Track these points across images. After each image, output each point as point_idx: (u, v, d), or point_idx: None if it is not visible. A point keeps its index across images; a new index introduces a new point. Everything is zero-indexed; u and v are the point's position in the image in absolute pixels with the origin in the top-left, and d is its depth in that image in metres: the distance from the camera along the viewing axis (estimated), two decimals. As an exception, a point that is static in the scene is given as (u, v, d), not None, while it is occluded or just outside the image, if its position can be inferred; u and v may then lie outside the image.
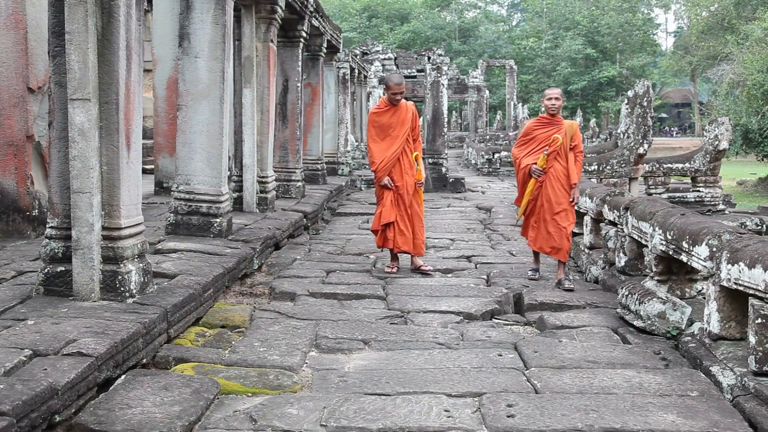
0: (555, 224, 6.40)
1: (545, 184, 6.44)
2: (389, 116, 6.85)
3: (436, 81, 16.33)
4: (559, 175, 6.44)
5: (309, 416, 3.46)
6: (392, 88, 6.81)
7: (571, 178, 6.44)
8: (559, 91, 6.66)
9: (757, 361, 3.67)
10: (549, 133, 6.47)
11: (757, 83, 21.14)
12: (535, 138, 6.56)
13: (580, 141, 6.59)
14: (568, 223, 6.44)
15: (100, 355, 3.50)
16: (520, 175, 6.62)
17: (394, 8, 58.54)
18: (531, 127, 6.67)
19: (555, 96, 6.51)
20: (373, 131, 6.90)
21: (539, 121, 6.67)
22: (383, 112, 6.88)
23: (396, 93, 6.78)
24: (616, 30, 51.00)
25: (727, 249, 4.10)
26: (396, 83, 6.82)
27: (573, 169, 6.47)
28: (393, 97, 6.81)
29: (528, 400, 3.67)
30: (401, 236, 6.83)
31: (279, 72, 10.53)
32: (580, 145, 6.60)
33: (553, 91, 6.61)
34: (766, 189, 22.70)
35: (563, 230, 6.39)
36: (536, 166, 6.43)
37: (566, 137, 6.45)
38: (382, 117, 6.86)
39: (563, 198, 6.43)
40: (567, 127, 6.49)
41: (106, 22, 4.36)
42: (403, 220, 6.85)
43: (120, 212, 4.48)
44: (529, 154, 6.56)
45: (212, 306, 5.37)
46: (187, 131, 6.90)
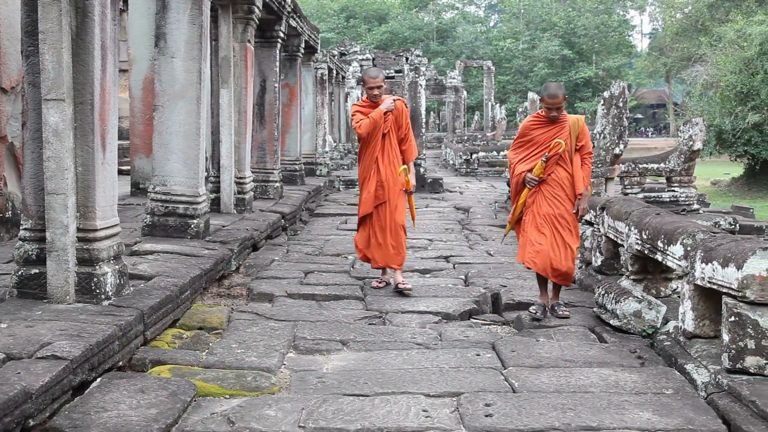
0: (560, 242, 5.32)
1: (544, 191, 5.32)
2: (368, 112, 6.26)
3: (414, 81, 16.36)
4: (561, 182, 5.30)
5: (287, 417, 3.45)
6: (367, 83, 6.15)
7: (576, 186, 5.31)
8: (561, 96, 5.27)
9: (730, 358, 3.72)
10: (550, 133, 5.32)
11: (730, 84, 21.43)
12: (533, 140, 5.39)
13: (588, 140, 5.41)
14: (574, 240, 5.36)
15: (75, 358, 3.46)
16: (513, 183, 5.55)
17: (372, 9, 58.54)
18: (528, 127, 5.47)
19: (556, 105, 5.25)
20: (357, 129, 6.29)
21: (537, 119, 5.45)
22: (364, 111, 6.24)
23: (372, 87, 6.10)
24: (592, 31, 51.43)
25: (701, 248, 4.15)
26: (371, 77, 6.14)
27: (579, 175, 5.32)
28: (370, 92, 6.15)
29: (506, 399, 3.69)
30: (378, 249, 6.21)
31: (257, 72, 10.49)
32: (589, 145, 5.42)
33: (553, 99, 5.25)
34: (740, 189, 23.03)
35: (570, 251, 5.30)
36: (530, 175, 5.30)
37: (571, 137, 5.30)
38: (363, 112, 6.26)
39: (566, 211, 5.31)
40: (572, 124, 5.33)
41: (81, 21, 4.32)
42: (382, 231, 6.17)
43: (95, 214, 4.44)
44: (525, 160, 5.41)
45: (189, 308, 5.33)
46: (164, 132, 6.85)
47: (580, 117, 5.40)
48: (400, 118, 6.20)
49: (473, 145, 25.59)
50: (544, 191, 5.32)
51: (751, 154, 22.07)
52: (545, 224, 5.28)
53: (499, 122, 31.98)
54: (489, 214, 11.79)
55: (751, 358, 3.66)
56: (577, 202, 5.32)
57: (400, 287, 6.07)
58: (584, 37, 51.81)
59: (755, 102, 20.98)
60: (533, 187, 5.32)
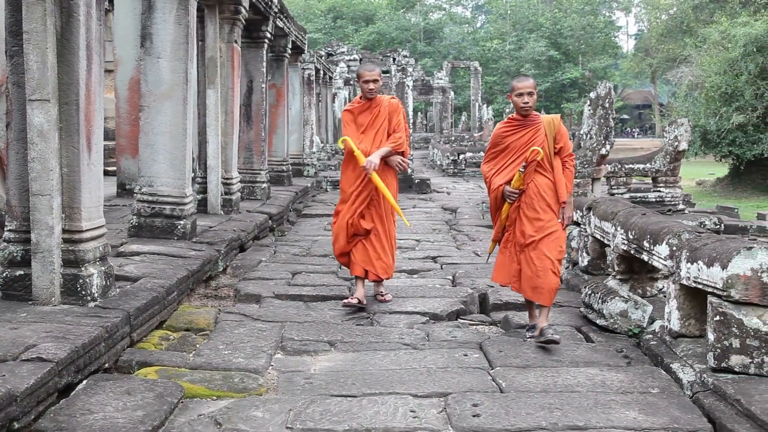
0: (540, 254, 4.68)
1: (523, 206, 4.78)
2: (361, 114, 5.70)
3: (402, 82, 16.39)
4: (542, 190, 4.76)
5: (274, 419, 3.44)
6: (362, 76, 5.60)
7: (559, 192, 4.78)
8: (532, 82, 4.89)
9: (715, 357, 3.75)
10: (525, 139, 4.80)
11: (715, 85, 21.58)
12: (508, 147, 4.86)
13: (567, 141, 4.87)
14: (557, 251, 4.71)
15: (61, 360, 3.44)
16: (492, 198, 4.97)
17: (359, 9, 58.58)
18: (500, 134, 4.91)
19: (527, 89, 4.76)
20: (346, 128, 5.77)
21: (509, 124, 4.92)
22: (354, 110, 5.73)
23: (368, 81, 5.55)
24: (578, 32, 51.70)
25: (686, 248, 4.18)
26: (367, 69, 5.63)
27: (561, 181, 4.80)
28: (365, 86, 5.58)
29: (493, 399, 3.70)
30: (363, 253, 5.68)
31: (243, 73, 10.47)
32: (568, 146, 4.89)
33: (524, 82, 4.81)
34: (724, 189, 23.20)
35: (549, 262, 4.65)
36: (509, 188, 4.78)
37: (547, 139, 4.77)
38: (354, 115, 5.72)
39: (548, 219, 4.74)
40: (546, 126, 4.79)
41: (66, 21, 4.29)
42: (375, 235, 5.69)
43: (81, 215, 4.41)
44: (500, 171, 4.87)
45: (176, 309, 5.31)
46: (150, 132, 6.82)
47: (555, 116, 4.90)
48: (393, 117, 5.70)
49: (460, 146, 25.64)
50: (526, 203, 4.78)
51: (735, 155, 22.24)
52: (526, 243, 4.73)
53: (486, 123, 32.04)
54: (476, 215, 11.82)
55: (736, 357, 3.69)
56: (562, 211, 4.81)
57: (380, 299, 5.80)
58: (570, 38, 52.08)
59: (739, 103, 21.14)
60: (514, 201, 4.81)
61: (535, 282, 4.67)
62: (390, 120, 5.68)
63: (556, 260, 4.67)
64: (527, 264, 4.72)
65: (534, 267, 4.68)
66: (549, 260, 4.66)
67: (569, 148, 4.90)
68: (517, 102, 4.81)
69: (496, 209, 4.96)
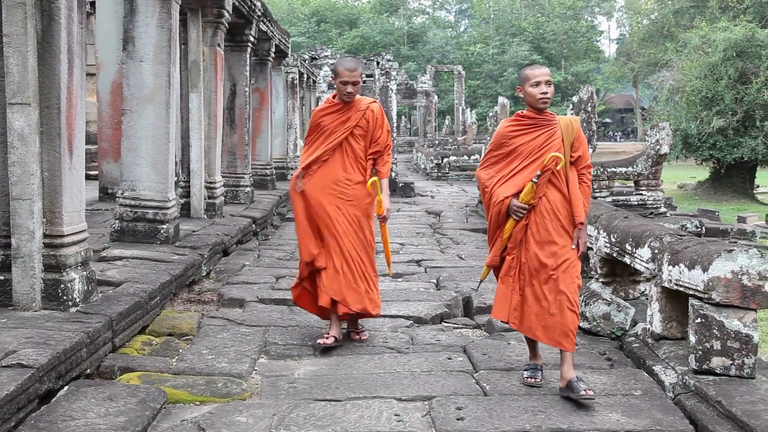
0: (552, 288, 3.82)
1: (533, 225, 3.90)
2: (333, 118, 4.72)
3: (385, 86, 16.40)
4: (556, 207, 3.87)
5: (258, 423, 3.43)
6: (341, 75, 4.61)
7: (575, 211, 3.87)
8: (548, 70, 4.00)
9: (697, 359, 3.78)
10: (537, 141, 3.89)
11: (696, 89, 21.78)
12: (515, 151, 3.94)
13: (586, 149, 4.00)
14: (574, 285, 3.83)
15: (42, 366, 3.41)
16: (493, 214, 3.99)
17: (343, 13, 58.60)
18: (506, 134, 3.97)
19: (546, 77, 3.89)
20: (308, 135, 4.83)
21: (518, 122, 3.97)
22: (326, 110, 4.77)
23: (347, 83, 4.60)
24: (560, 37, 52.03)
25: (668, 251, 4.21)
26: (347, 68, 4.60)
27: (578, 197, 3.89)
28: (343, 88, 4.62)
29: (477, 402, 3.70)
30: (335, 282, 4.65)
31: (227, 76, 10.44)
32: (587, 155, 4.00)
33: (541, 69, 3.94)
34: (705, 192, 23.41)
35: (565, 297, 3.78)
36: (518, 202, 3.87)
37: (564, 145, 3.88)
38: (325, 118, 4.75)
39: (563, 244, 3.85)
40: (564, 128, 3.90)
41: (47, 24, 4.26)
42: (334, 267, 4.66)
43: (62, 219, 4.38)
44: (506, 180, 3.95)
45: (159, 314, 5.28)
46: (132, 136, 6.78)
47: (574, 118, 4.00)
48: (372, 126, 4.71)
49: (444, 150, 25.72)
50: (536, 223, 3.89)
51: (716, 158, 22.46)
52: (534, 272, 3.88)
53: (470, 126, 32.15)
54: (460, 218, 11.85)
55: (717, 359, 3.73)
56: (576, 234, 3.86)
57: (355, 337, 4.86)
58: (553, 42, 52.40)
59: (720, 107, 21.35)
60: (521, 218, 3.89)
61: (548, 321, 3.81)
62: (371, 132, 4.71)
63: (572, 294, 3.80)
64: (536, 298, 3.86)
65: (546, 303, 3.82)
66: (564, 295, 3.77)
67: (588, 159, 4.00)
68: (533, 93, 3.87)
69: (497, 227, 4.00)
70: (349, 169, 4.71)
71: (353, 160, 4.71)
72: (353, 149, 4.71)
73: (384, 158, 4.80)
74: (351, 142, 4.71)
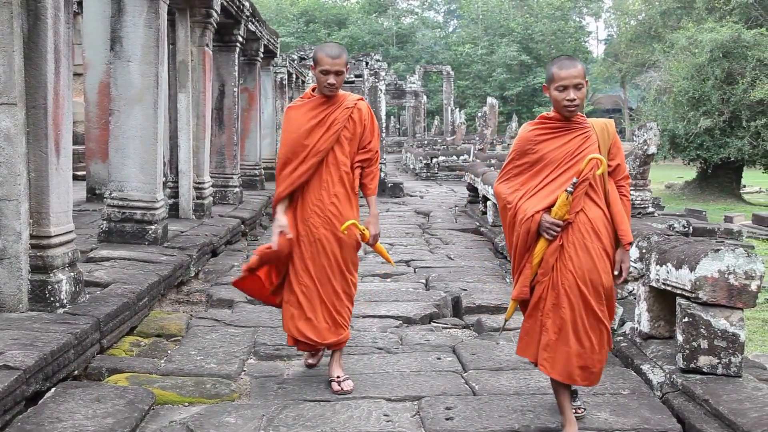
0: (594, 323, 3.27)
1: (569, 247, 3.28)
2: (312, 116, 3.88)
3: (374, 86, 16.40)
4: (596, 225, 3.29)
5: (247, 424, 3.42)
6: (322, 62, 3.81)
7: (620, 230, 3.31)
8: (581, 68, 3.33)
9: (684, 358, 3.80)
10: (570, 146, 3.33)
11: (683, 90, 21.92)
12: (542, 159, 3.35)
13: (623, 157, 3.46)
14: (610, 317, 3.36)
15: (29, 367, 3.39)
16: (520, 234, 3.33)
17: (332, 13, 58.54)
18: (530, 138, 3.39)
19: (574, 80, 3.28)
20: (282, 139, 3.99)
21: (544, 125, 3.40)
22: (304, 107, 3.93)
23: (328, 72, 3.81)
24: (549, 37, 52.16)
25: (655, 250, 4.23)
26: (330, 55, 3.81)
27: (621, 213, 3.33)
28: (323, 79, 3.82)
29: (466, 402, 3.71)
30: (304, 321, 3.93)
31: (215, 77, 10.40)
32: (625, 165, 3.47)
33: (570, 70, 3.30)
34: (692, 192, 23.56)
35: (605, 334, 3.31)
36: (550, 218, 3.26)
37: (601, 152, 3.32)
38: (300, 115, 3.91)
39: (605, 270, 3.28)
40: (599, 132, 3.35)
41: (33, 24, 4.23)
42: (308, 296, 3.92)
43: (49, 220, 4.35)
44: (533, 193, 3.34)
45: (147, 315, 5.26)
46: (120, 136, 6.75)
47: (609, 122, 3.45)
48: (360, 129, 3.95)
49: (433, 150, 25.74)
50: (573, 243, 3.27)
51: (703, 158, 22.61)
52: (575, 304, 3.26)
53: (459, 127, 32.19)
54: (449, 218, 11.87)
55: (704, 358, 3.75)
56: (620, 257, 3.33)
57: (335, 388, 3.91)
58: (541, 42, 52.53)
59: (707, 107, 21.50)
60: (554, 238, 3.28)
61: (588, 360, 3.27)
62: (358, 136, 3.95)
63: (609, 329, 3.33)
64: (576, 337, 3.26)
65: (588, 342, 3.26)
66: (606, 331, 3.30)
67: (626, 168, 3.46)
68: (558, 99, 3.31)
69: (526, 250, 3.33)
70: (327, 181, 3.89)
71: (335, 169, 3.89)
72: (336, 158, 3.89)
73: (372, 170, 4.00)
74: (335, 150, 3.89)
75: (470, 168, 13.06)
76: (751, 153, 21.46)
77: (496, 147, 25.70)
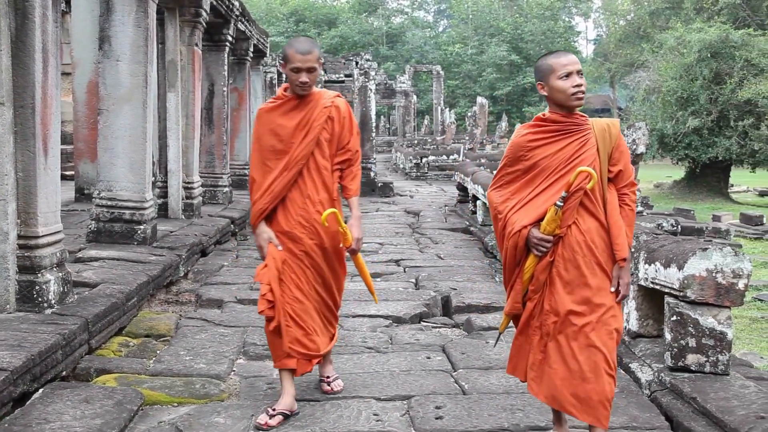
0: (584, 344, 2.97)
1: (559, 262, 3.04)
2: (288, 118, 3.62)
3: (364, 86, 16.40)
4: (590, 238, 3.02)
5: (237, 425, 3.41)
6: (292, 59, 3.52)
7: (615, 244, 3.01)
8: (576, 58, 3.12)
9: (672, 356, 3.82)
10: (567, 152, 3.05)
11: (671, 90, 22.02)
12: (536, 166, 3.08)
13: (628, 161, 3.12)
14: (612, 340, 2.99)
15: (16, 368, 3.37)
16: (508, 247, 3.12)
17: (322, 13, 58.46)
18: (523, 144, 3.11)
19: (576, 67, 3.05)
20: (255, 144, 3.69)
21: (540, 128, 3.12)
22: (277, 109, 3.66)
23: (299, 70, 3.52)
24: (538, 37, 52.28)
25: (644, 249, 4.25)
26: (300, 51, 3.52)
27: (618, 225, 3.03)
28: (295, 77, 3.54)
29: (456, 401, 3.72)
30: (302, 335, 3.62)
31: (204, 76, 10.38)
32: (630, 170, 3.12)
33: (569, 57, 3.10)
34: (681, 191, 23.68)
35: (602, 357, 2.95)
36: (539, 233, 3.01)
37: (600, 156, 3.04)
38: (275, 118, 3.64)
39: (599, 287, 3.00)
40: (599, 135, 3.05)
41: (20, 23, 4.21)
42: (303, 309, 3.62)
43: (37, 220, 4.33)
44: (525, 203, 3.10)
45: (136, 315, 5.24)
46: (109, 136, 6.72)
47: (613, 122, 3.14)
48: (339, 128, 3.67)
49: (423, 149, 25.76)
50: (564, 259, 3.03)
51: (691, 158, 22.72)
52: (561, 323, 3.01)
53: (449, 126, 32.22)
54: (439, 218, 11.88)
55: (692, 356, 3.77)
56: (617, 273, 3.02)
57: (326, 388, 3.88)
58: (531, 42, 52.64)
59: (695, 107, 21.61)
60: (544, 254, 3.04)
61: (579, 388, 2.95)
62: (337, 136, 3.66)
63: (610, 353, 2.96)
64: (561, 358, 3.00)
65: (575, 364, 2.96)
66: (601, 354, 2.94)
67: (631, 174, 3.13)
68: (562, 87, 3.03)
69: (516, 264, 3.13)
70: (309, 187, 3.62)
71: (317, 174, 3.63)
72: (317, 162, 3.62)
73: (353, 170, 3.72)
74: (315, 154, 3.61)
75: (460, 167, 13.08)
76: (739, 152, 21.59)
77: (485, 146, 25.75)
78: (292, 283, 3.60)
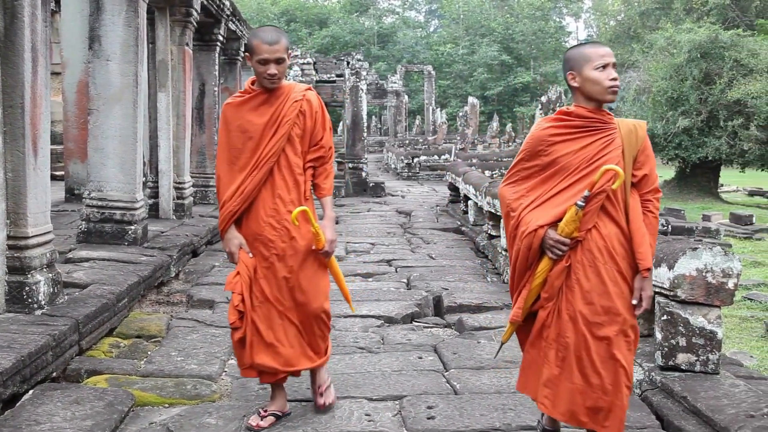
0: (605, 356, 2.82)
1: (578, 269, 2.85)
2: (257, 114, 3.36)
3: (356, 86, 16.39)
4: (611, 245, 2.84)
5: (228, 425, 3.40)
6: (259, 51, 3.26)
7: (638, 252, 2.84)
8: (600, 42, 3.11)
9: (663, 356, 3.84)
10: (591, 150, 2.87)
11: (662, 90, 22.10)
12: (556, 163, 2.90)
13: (653, 166, 2.95)
14: (631, 352, 2.87)
15: (6, 369, 3.35)
16: (521, 248, 2.93)
17: (313, 13, 58.42)
18: (544, 138, 2.92)
19: (612, 59, 2.88)
20: (222, 142, 3.43)
21: (562, 122, 2.92)
22: (245, 103, 3.39)
23: (267, 61, 3.26)
24: (529, 37, 52.42)
25: (634, 249, 4.26)
26: (266, 41, 3.25)
27: (641, 233, 2.86)
28: (262, 70, 3.28)
29: (448, 401, 3.72)
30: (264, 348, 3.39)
31: (195, 76, 10.35)
32: (655, 175, 2.96)
33: (605, 48, 2.90)
34: (671, 191, 23.77)
35: (623, 370, 2.82)
36: (556, 235, 2.83)
37: (625, 157, 2.86)
38: (243, 114, 3.38)
39: (620, 295, 2.83)
40: (625, 136, 2.87)
41: (9, 22, 4.19)
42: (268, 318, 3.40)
43: (27, 221, 4.31)
44: (540, 203, 2.91)
45: (127, 316, 5.22)
46: (99, 136, 6.70)
47: (640, 123, 2.95)
48: (311, 124, 3.42)
49: (415, 149, 25.78)
50: (583, 264, 2.84)
51: (681, 158, 22.81)
52: (577, 326, 2.84)
53: (440, 126, 32.26)
54: (431, 218, 11.89)
55: (683, 356, 3.79)
56: (640, 285, 2.85)
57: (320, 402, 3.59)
58: (522, 42, 52.77)
59: (685, 107, 21.69)
60: (560, 258, 2.86)
61: (599, 401, 2.81)
62: (309, 131, 3.41)
63: (629, 366, 2.84)
64: (582, 372, 2.83)
65: (597, 379, 2.81)
66: (622, 367, 2.81)
67: (656, 180, 2.96)
68: (598, 79, 2.85)
69: (526, 267, 2.93)
70: (280, 186, 3.37)
71: (288, 172, 3.38)
72: (288, 160, 3.37)
73: (326, 168, 3.48)
74: (286, 151, 3.37)
75: (451, 167, 13.09)
76: (729, 152, 21.68)
77: (477, 146, 25.80)
78: (260, 292, 3.39)
